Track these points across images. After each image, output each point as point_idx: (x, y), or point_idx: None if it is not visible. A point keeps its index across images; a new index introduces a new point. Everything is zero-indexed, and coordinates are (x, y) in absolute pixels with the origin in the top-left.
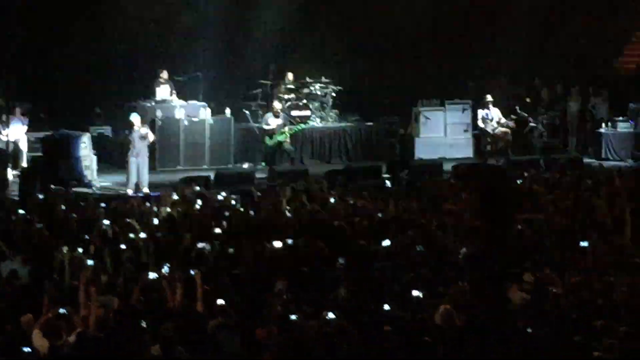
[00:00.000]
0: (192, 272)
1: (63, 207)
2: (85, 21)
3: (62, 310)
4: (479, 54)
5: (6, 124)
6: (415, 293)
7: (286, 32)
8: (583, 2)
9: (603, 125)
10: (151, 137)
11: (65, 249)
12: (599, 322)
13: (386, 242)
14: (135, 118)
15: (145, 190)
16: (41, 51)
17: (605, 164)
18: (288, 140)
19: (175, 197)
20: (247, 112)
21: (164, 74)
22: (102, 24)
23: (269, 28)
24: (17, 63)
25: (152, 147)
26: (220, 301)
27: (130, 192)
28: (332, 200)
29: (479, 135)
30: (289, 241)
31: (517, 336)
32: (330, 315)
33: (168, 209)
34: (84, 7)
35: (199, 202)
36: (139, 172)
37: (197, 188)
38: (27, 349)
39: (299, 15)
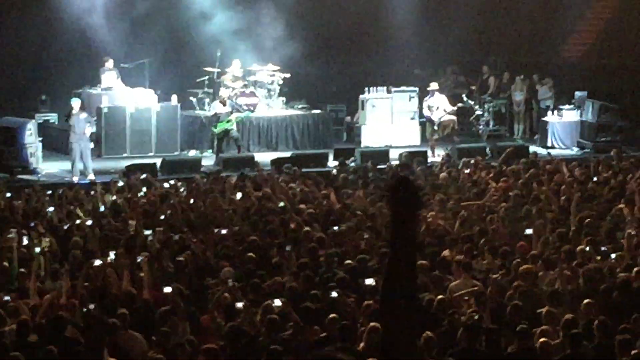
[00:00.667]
0: (139, 259)
1: (8, 194)
2: (31, 7)
3: (6, 298)
4: (426, 41)
5: None
6: (368, 281)
7: (233, 18)
8: None
9: (549, 113)
10: (93, 123)
11: (13, 235)
12: (543, 309)
13: (334, 228)
14: (75, 103)
15: (91, 176)
16: None
17: (551, 152)
18: (235, 127)
19: (120, 184)
20: (193, 99)
21: (109, 62)
22: (48, 11)
23: (215, 15)
24: None
25: (98, 134)
26: (167, 289)
27: (75, 178)
28: (278, 187)
29: (425, 123)
30: (235, 228)
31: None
32: (277, 302)
33: (114, 197)
34: None
35: (144, 189)
36: (82, 158)
37: (143, 175)
38: None
39: (245, 3)
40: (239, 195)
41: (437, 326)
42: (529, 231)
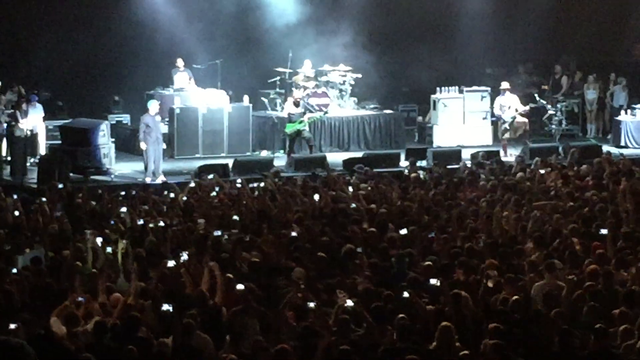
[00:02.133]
0: (210, 263)
1: (82, 195)
2: (104, 9)
3: (80, 299)
4: (498, 40)
5: (25, 113)
6: (432, 281)
7: (305, 19)
8: None
9: (622, 112)
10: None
11: (88, 236)
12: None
13: (403, 231)
14: (153, 105)
15: (161, 177)
16: (60, 39)
17: (624, 151)
18: (307, 128)
19: (192, 184)
20: (265, 100)
21: (180, 62)
22: (121, 12)
23: (287, 15)
24: (37, 51)
25: (170, 135)
26: (240, 286)
27: (148, 179)
28: (350, 188)
29: (497, 123)
30: (307, 229)
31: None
32: (349, 302)
33: (185, 197)
34: None
35: (217, 189)
36: (154, 160)
37: (210, 176)
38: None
39: (317, 3)
40: (310, 195)
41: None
42: (603, 231)
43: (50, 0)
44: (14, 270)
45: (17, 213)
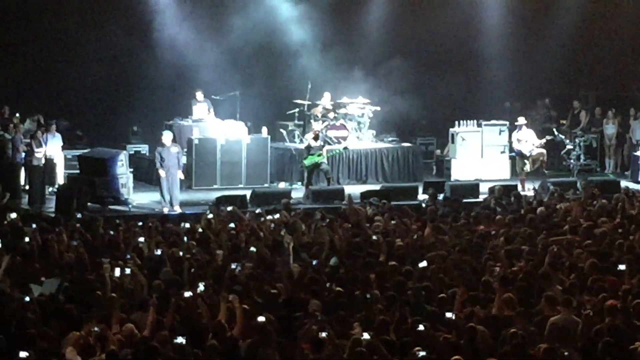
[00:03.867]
0: (230, 296)
1: (99, 224)
2: (125, 39)
3: (95, 329)
4: (516, 75)
5: (41, 142)
6: (448, 314)
7: (324, 51)
8: (622, 24)
9: None
10: (182, 156)
11: (106, 266)
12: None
13: (423, 263)
14: (166, 135)
15: (177, 208)
16: (80, 69)
17: None
18: (325, 160)
19: (210, 215)
20: (284, 131)
21: (199, 95)
22: (141, 42)
23: (306, 48)
24: (56, 80)
25: (188, 166)
26: (261, 318)
27: (165, 210)
28: (367, 223)
29: (515, 157)
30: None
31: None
32: (365, 335)
33: (201, 228)
34: (124, 26)
35: (233, 221)
36: (170, 190)
37: (230, 207)
38: None
39: (335, 35)
40: (327, 228)
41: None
42: (621, 267)
43: (71, 30)
44: (28, 299)
45: (34, 242)
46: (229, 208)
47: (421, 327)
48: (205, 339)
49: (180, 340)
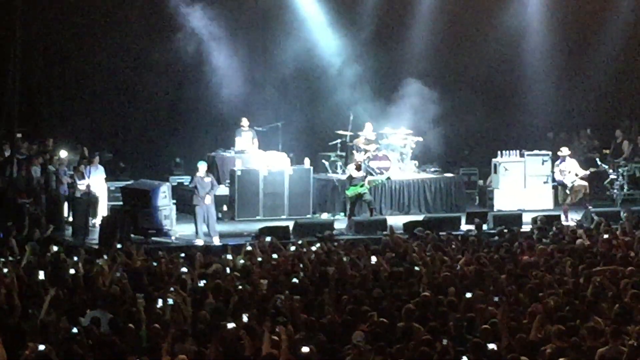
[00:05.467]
0: (276, 328)
1: (143, 256)
2: (168, 70)
3: None
4: (559, 104)
5: (87, 173)
6: (490, 346)
7: (366, 83)
8: None
9: None
10: (215, 187)
11: (141, 300)
12: None
13: (469, 294)
14: (201, 166)
15: (215, 239)
16: (123, 100)
17: None
18: (368, 191)
19: (249, 248)
20: (326, 162)
21: (245, 121)
22: (185, 74)
23: (349, 78)
24: (101, 112)
25: (232, 197)
26: (305, 349)
27: (199, 242)
28: (414, 254)
29: (557, 187)
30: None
31: None
32: None
33: (243, 260)
34: (170, 58)
35: (276, 253)
36: (208, 221)
37: (268, 238)
38: None
39: (375, 64)
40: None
41: None
42: None
43: (114, 61)
44: (75, 330)
45: (78, 273)
46: (268, 239)
47: (464, 359)
48: None
49: None
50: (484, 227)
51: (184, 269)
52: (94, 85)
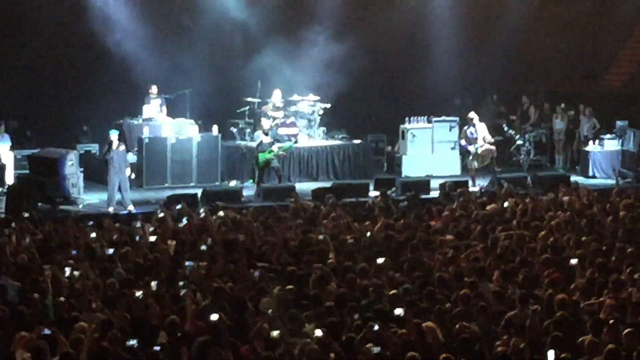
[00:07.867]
0: (182, 291)
1: (49, 224)
2: (73, 39)
3: (46, 331)
4: (466, 71)
5: None
6: (397, 311)
7: (273, 49)
8: (571, 20)
9: (590, 143)
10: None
11: (48, 269)
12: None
13: (380, 260)
14: (113, 135)
15: (130, 207)
16: (28, 68)
17: (593, 181)
18: (276, 158)
19: (160, 214)
20: (234, 129)
21: (154, 89)
22: (90, 42)
23: (256, 45)
24: (5, 80)
25: (139, 165)
26: (214, 316)
27: (111, 209)
28: (323, 219)
29: (464, 153)
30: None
31: None
32: (317, 332)
33: (152, 227)
34: (73, 24)
35: (184, 220)
36: (121, 190)
37: (179, 206)
38: None
39: (285, 32)
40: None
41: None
42: (573, 261)
43: (17, 28)
44: None
45: None
46: (178, 206)
47: (376, 327)
48: (156, 337)
49: (132, 342)
50: (393, 193)
51: (93, 235)
52: None
